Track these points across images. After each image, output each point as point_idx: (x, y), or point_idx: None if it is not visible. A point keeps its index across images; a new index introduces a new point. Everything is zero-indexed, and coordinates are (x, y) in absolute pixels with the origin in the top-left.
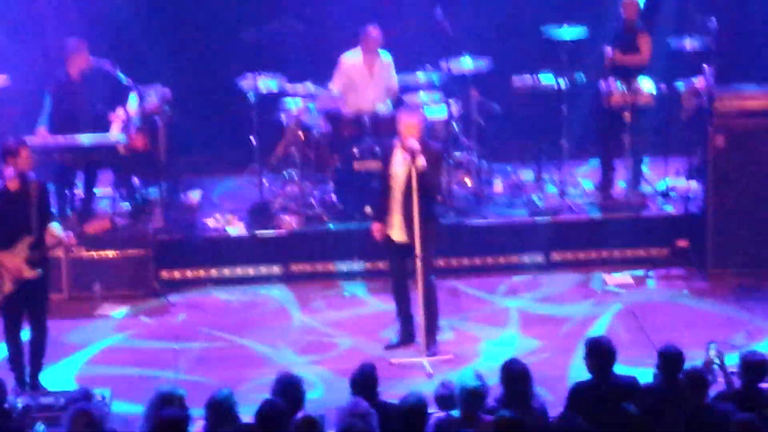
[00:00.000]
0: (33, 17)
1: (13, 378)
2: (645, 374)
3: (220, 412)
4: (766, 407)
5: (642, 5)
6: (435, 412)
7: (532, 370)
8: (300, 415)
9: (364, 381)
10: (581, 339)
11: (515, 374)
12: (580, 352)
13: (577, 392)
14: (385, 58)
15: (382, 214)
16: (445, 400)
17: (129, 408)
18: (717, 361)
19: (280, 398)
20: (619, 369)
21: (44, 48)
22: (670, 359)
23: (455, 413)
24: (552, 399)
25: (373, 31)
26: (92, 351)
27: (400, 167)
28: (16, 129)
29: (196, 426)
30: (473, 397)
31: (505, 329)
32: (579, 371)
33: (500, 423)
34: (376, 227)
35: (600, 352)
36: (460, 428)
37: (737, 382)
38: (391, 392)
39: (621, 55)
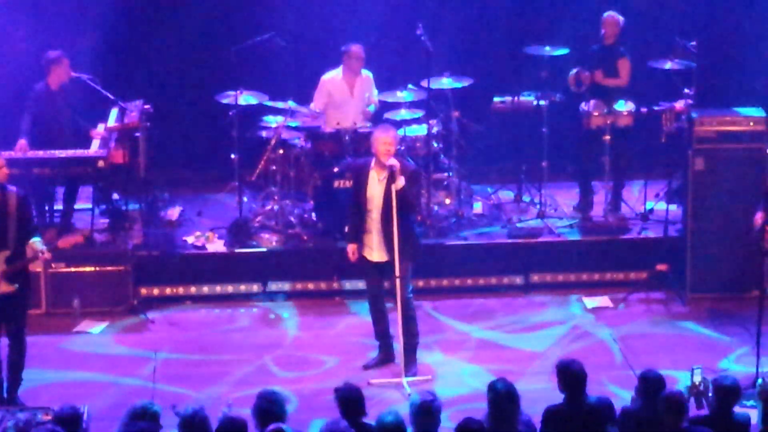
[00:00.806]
0: (12, 29)
1: None
2: (623, 397)
3: (194, 429)
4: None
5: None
6: None
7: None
8: (272, 426)
9: (351, 401)
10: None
11: (501, 394)
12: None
13: (550, 415)
14: (366, 75)
15: (355, 234)
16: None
17: (105, 425)
18: (701, 385)
19: (261, 415)
20: (595, 392)
21: (24, 60)
22: (650, 383)
23: None
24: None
25: (357, 50)
26: (70, 368)
27: (376, 188)
28: None
29: None
30: (424, 413)
31: (483, 351)
32: (556, 394)
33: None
34: (351, 248)
35: (570, 375)
36: None
37: (711, 407)
38: (370, 413)
39: (602, 77)
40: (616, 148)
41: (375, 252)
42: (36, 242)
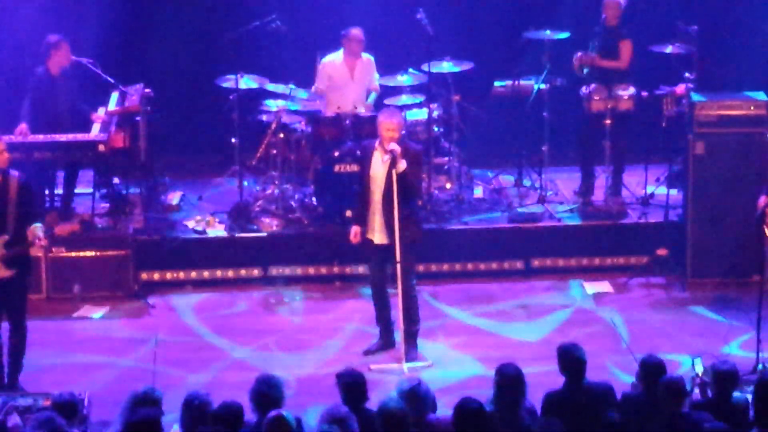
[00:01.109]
0: (13, 13)
1: None
2: (624, 382)
3: (195, 413)
4: (738, 416)
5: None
6: None
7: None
8: (272, 413)
9: (353, 386)
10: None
11: (510, 378)
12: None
13: (551, 400)
14: (366, 59)
15: (361, 217)
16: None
17: (106, 410)
18: (704, 375)
19: (259, 399)
20: (598, 377)
21: (24, 44)
22: (651, 369)
23: None
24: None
25: (357, 34)
26: (71, 352)
27: (379, 169)
28: None
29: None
30: (412, 398)
31: (483, 336)
32: (556, 379)
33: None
34: (354, 230)
35: (570, 360)
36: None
37: (710, 392)
38: (370, 398)
39: (600, 60)
40: (616, 132)
41: (378, 234)
42: (36, 228)
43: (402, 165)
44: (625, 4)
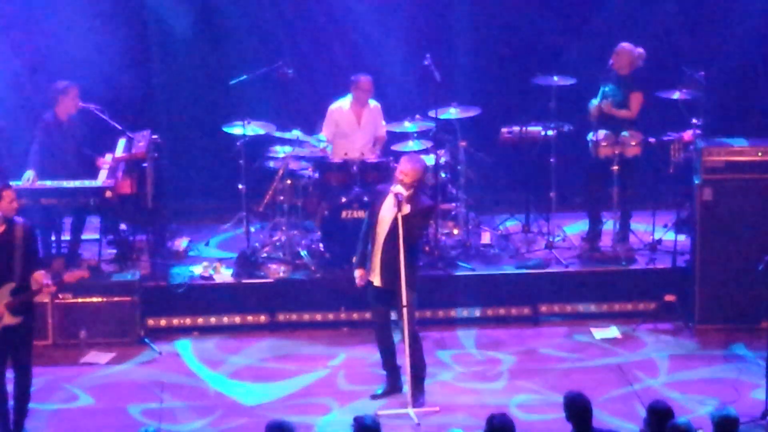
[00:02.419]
0: (23, 58)
1: None
2: (631, 429)
3: None
4: None
5: (641, 63)
6: None
7: (516, 425)
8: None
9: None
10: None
11: (496, 428)
12: None
13: None
14: (374, 105)
15: (364, 260)
16: None
17: None
18: None
19: None
20: (606, 423)
21: (34, 90)
22: (658, 415)
23: None
24: None
25: (365, 81)
26: (77, 399)
27: (388, 212)
28: (4, 172)
29: None
30: None
31: (491, 382)
32: (566, 426)
33: None
34: (359, 274)
35: (576, 407)
36: None
37: None
38: None
39: (609, 108)
40: (624, 178)
41: (377, 276)
42: (40, 275)
43: (406, 209)
44: (640, 57)
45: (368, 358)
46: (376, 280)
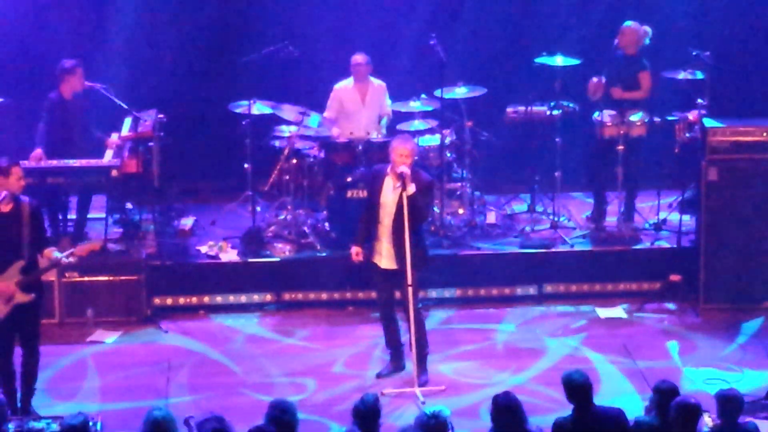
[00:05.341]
0: (30, 38)
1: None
2: (636, 408)
3: None
4: None
5: (647, 41)
6: None
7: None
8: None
9: (366, 412)
10: None
11: (501, 407)
12: None
13: (560, 427)
14: (378, 84)
15: (361, 238)
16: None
17: None
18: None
19: (274, 425)
20: (610, 403)
21: (40, 68)
22: (665, 394)
23: None
24: None
25: (358, 58)
26: (84, 377)
27: (389, 195)
28: (12, 150)
29: None
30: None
31: (496, 361)
32: (568, 405)
33: None
34: (354, 250)
35: (574, 386)
36: None
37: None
38: (384, 422)
39: (620, 92)
40: (629, 158)
41: (384, 259)
42: (51, 251)
43: (411, 188)
44: (645, 35)
45: (373, 337)
46: (384, 263)
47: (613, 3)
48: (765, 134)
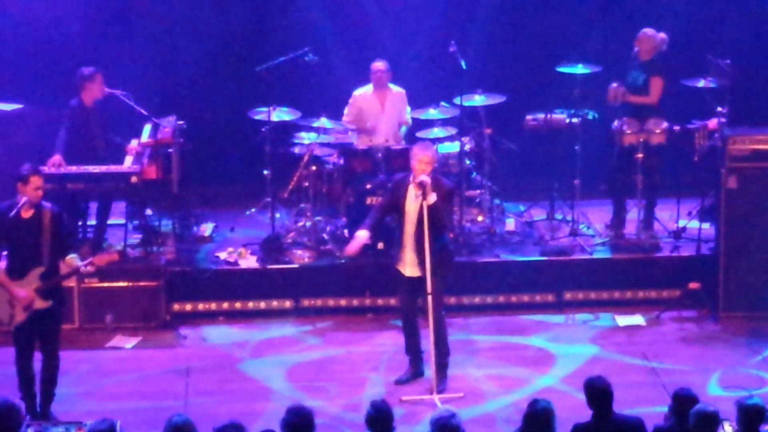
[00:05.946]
0: (50, 45)
1: (24, 407)
2: (655, 416)
3: None
4: None
5: (665, 48)
6: None
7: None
8: None
9: (378, 416)
10: None
11: (538, 412)
12: None
13: None
14: (398, 91)
15: (370, 223)
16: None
17: None
18: None
19: (290, 430)
20: (628, 411)
21: (60, 75)
22: (683, 402)
23: None
24: None
25: (377, 65)
26: (103, 383)
27: (412, 203)
28: (31, 156)
29: None
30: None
31: (515, 368)
32: (588, 412)
33: None
34: (363, 234)
35: (595, 391)
36: None
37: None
38: (402, 429)
39: (630, 95)
40: (648, 166)
41: (408, 267)
42: (73, 258)
43: (432, 197)
44: (663, 42)
45: (392, 344)
46: (408, 271)
47: (633, 11)
48: None
